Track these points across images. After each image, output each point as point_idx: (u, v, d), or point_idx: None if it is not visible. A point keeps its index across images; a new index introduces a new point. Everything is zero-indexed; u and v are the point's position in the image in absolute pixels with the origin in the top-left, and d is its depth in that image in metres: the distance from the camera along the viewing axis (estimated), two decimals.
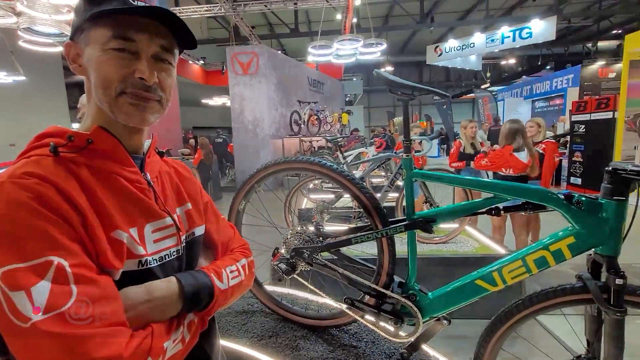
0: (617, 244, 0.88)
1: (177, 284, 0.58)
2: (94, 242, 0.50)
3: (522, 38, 9.91)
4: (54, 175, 0.50)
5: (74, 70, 0.60)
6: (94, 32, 0.56)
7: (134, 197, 0.59)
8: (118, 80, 0.55)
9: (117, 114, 0.57)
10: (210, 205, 0.78)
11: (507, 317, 1.05)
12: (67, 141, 0.54)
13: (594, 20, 13.97)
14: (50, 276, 0.44)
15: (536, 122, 3.54)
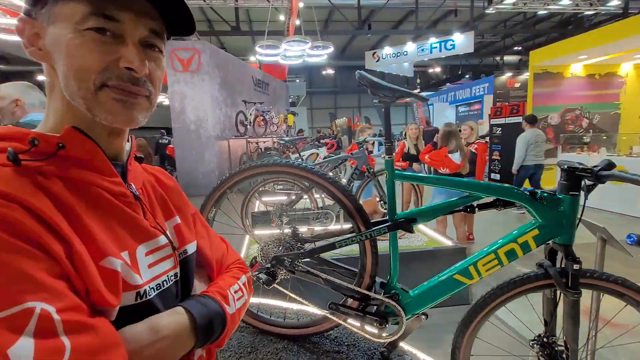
0: (572, 234, 1.01)
1: (187, 316, 0.49)
2: (82, 275, 0.40)
3: (447, 49, 10.94)
4: (20, 192, 0.38)
5: (31, 55, 0.47)
6: (63, 7, 0.43)
7: (120, 214, 0.48)
8: (98, 70, 0.44)
9: (96, 112, 0.45)
10: (198, 217, 0.68)
11: (481, 307, 1.13)
12: (29, 146, 0.42)
13: (500, 37, 16.15)
14: (31, 329, 0.33)
15: (469, 125, 3.93)
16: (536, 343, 1.17)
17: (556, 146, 6.56)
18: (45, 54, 0.46)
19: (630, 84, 6.84)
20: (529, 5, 8.29)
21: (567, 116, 6.78)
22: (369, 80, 1.03)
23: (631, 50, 5.84)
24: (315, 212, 2.77)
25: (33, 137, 0.42)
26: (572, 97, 6.76)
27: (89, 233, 0.42)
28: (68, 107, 0.46)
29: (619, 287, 1.02)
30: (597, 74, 6.75)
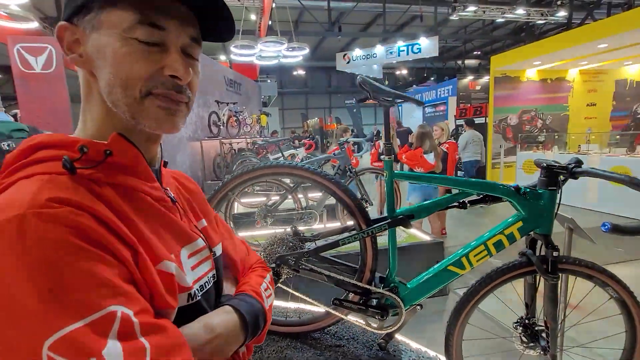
0: (551, 225, 1.13)
1: (237, 315, 0.52)
2: (146, 279, 0.41)
3: (413, 52, 11.37)
4: (86, 200, 0.39)
5: (71, 61, 0.46)
6: (110, 15, 0.43)
7: (163, 218, 0.49)
8: (144, 78, 0.44)
9: (142, 119, 0.46)
10: (219, 220, 0.70)
11: (472, 295, 1.22)
12: (79, 154, 0.42)
13: (462, 42, 17.07)
14: (115, 332, 0.34)
15: (440, 126, 4.15)
16: (519, 325, 1.29)
17: (515, 145, 7.07)
18: (85, 61, 0.46)
19: (576, 88, 7.54)
20: (487, 13, 8.86)
21: (524, 117, 7.34)
22: (370, 85, 1.08)
23: (575, 58, 6.45)
24: (300, 213, 2.79)
25: (82, 145, 0.42)
26: (528, 99, 7.33)
27: (145, 238, 0.44)
28: (108, 113, 0.46)
29: (589, 270, 1.15)
30: (549, 78, 7.38)
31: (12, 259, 0.33)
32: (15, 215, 0.34)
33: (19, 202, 0.35)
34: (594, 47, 5.73)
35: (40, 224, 0.34)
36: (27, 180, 0.39)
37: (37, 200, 0.36)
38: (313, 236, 1.29)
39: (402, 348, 1.45)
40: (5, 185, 0.40)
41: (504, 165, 7.22)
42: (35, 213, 0.35)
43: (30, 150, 0.43)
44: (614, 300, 1.19)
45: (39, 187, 0.38)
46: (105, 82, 0.44)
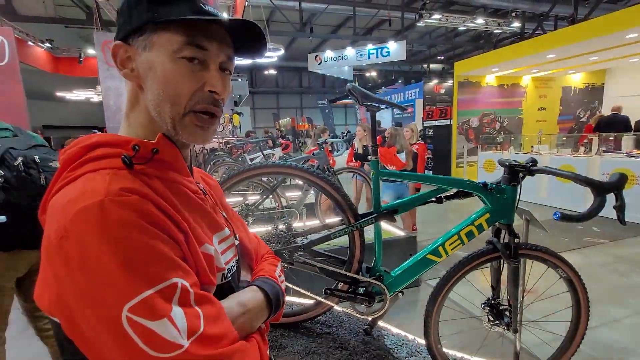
0: (512, 216, 1.30)
1: (262, 293, 0.59)
2: (194, 259, 0.48)
3: (382, 56, 11.74)
4: (146, 190, 0.46)
5: (125, 76, 0.53)
6: (160, 36, 0.49)
7: (199, 208, 0.55)
8: (188, 96, 0.50)
9: (180, 132, 0.52)
10: (235, 213, 0.76)
11: (447, 280, 1.37)
12: (133, 152, 0.48)
13: (427, 46, 17.87)
14: (177, 299, 0.42)
15: (410, 127, 4.38)
16: (486, 305, 1.46)
17: (476, 145, 7.58)
18: (136, 76, 0.52)
19: (529, 93, 8.22)
20: (450, 21, 9.39)
21: (484, 120, 7.89)
22: (360, 92, 1.19)
23: (528, 66, 7.05)
24: (280, 211, 2.86)
25: (135, 144, 0.48)
26: (487, 103, 7.88)
27: (189, 224, 0.50)
28: (152, 121, 0.53)
29: (544, 254, 1.34)
30: (506, 84, 7.98)
31: (98, 236, 0.39)
32: (96, 202, 0.40)
33: (97, 191, 0.42)
34: (544, 57, 6.31)
35: (117, 209, 0.41)
36: (95, 173, 0.45)
37: (111, 189, 0.42)
38: (305, 231, 1.38)
39: (384, 333, 1.58)
40: (72, 177, 0.46)
41: (466, 164, 7.71)
42: (112, 200, 0.41)
43: (87, 149, 0.49)
44: (563, 280, 1.39)
45: (110, 179, 0.44)
46: (154, 96, 0.50)
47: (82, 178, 0.45)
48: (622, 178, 1.04)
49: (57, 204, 0.44)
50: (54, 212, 0.43)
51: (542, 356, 1.60)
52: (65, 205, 0.41)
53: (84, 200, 0.41)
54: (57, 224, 0.41)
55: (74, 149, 0.49)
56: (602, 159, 5.07)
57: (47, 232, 0.42)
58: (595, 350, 2.06)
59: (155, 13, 0.49)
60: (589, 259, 3.44)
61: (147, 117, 0.53)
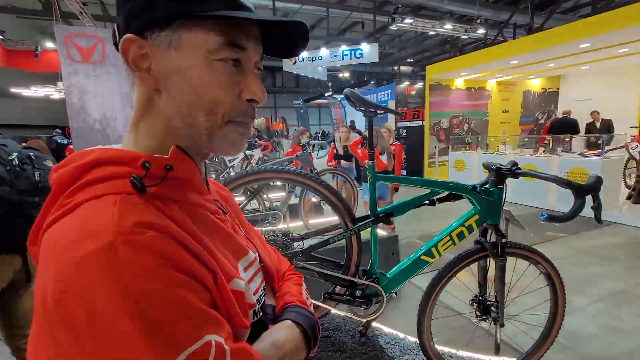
0: (499, 217, 1.38)
1: (299, 329, 0.51)
2: (225, 301, 0.40)
3: (356, 57, 11.90)
4: (165, 222, 0.37)
5: (139, 79, 0.43)
6: (193, 34, 0.40)
7: (221, 232, 0.47)
8: (228, 105, 0.42)
9: (217, 143, 0.44)
10: (251, 227, 0.66)
11: (439, 279, 1.42)
12: (143, 170, 0.39)
13: (397, 49, 18.37)
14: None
15: (388, 128, 4.48)
16: (474, 301, 1.53)
17: (447, 146, 7.91)
18: (155, 78, 0.42)
19: (494, 96, 8.71)
20: (421, 26, 9.72)
21: (453, 121, 8.24)
22: (357, 97, 1.20)
23: (493, 71, 7.47)
24: (264, 214, 2.82)
25: (145, 161, 0.39)
26: (457, 105, 8.25)
27: (217, 258, 0.41)
28: (169, 131, 0.44)
29: (527, 252, 1.43)
30: (473, 87, 8.40)
31: (110, 292, 0.30)
32: (104, 244, 0.32)
33: (104, 228, 0.33)
34: (507, 63, 6.71)
35: (132, 253, 0.32)
36: (98, 201, 0.36)
37: (123, 225, 0.33)
38: (302, 236, 1.37)
39: (378, 333, 1.62)
40: (70, 206, 0.37)
41: (438, 164, 8.02)
42: (125, 240, 0.32)
43: (84, 168, 0.39)
44: (543, 275, 1.50)
45: (119, 210, 0.35)
46: (183, 104, 0.42)
47: (82, 208, 0.36)
48: (598, 181, 1.14)
49: (53, 243, 0.35)
50: (50, 255, 0.34)
51: (522, 347, 1.70)
52: (65, 249, 0.33)
53: (88, 243, 0.32)
54: (54, 272, 0.32)
55: (67, 169, 0.40)
56: (560, 158, 5.48)
57: (42, 281, 0.33)
58: (563, 338, 2.22)
59: (186, 4, 0.39)
60: (552, 252, 3.71)
61: (165, 127, 0.43)
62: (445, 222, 1.43)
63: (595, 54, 6.08)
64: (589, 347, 2.08)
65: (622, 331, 2.23)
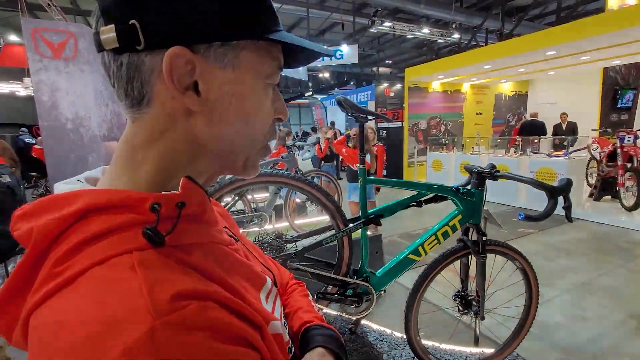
0: (480, 216, 1.47)
1: (331, 355, 0.48)
2: (272, 353, 0.36)
3: (336, 58, 12.01)
4: (199, 283, 0.30)
5: (170, 97, 0.34)
6: (254, 55, 0.36)
7: (240, 266, 0.42)
8: (269, 129, 0.41)
9: (249, 169, 0.41)
10: (248, 241, 0.60)
11: (426, 276, 1.50)
12: (154, 214, 0.31)
13: (375, 51, 18.68)
14: None
15: (371, 129, 4.58)
16: (456, 296, 1.62)
17: (425, 146, 8.15)
18: (203, 100, 0.34)
19: (468, 99, 9.06)
20: (399, 29, 9.96)
21: (431, 122, 8.51)
22: (349, 104, 1.25)
23: (468, 75, 7.78)
24: (250, 215, 2.82)
25: (154, 202, 0.32)
26: (434, 107, 8.51)
27: (254, 305, 0.36)
28: (194, 158, 0.37)
29: (505, 249, 1.54)
30: (449, 90, 8.70)
31: None
32: (143, 335, 0.24)
33: (135, 311, 0.25)
34: (481, 67, 7.01)
35: (177, 337, 0.25)
36: (105, 268, 0.28)
37: (158, 303, 0.26)
38: (294, 238, 1.40)
39: (367, 330, 1.67)
40: (65, 278, 0.28)
41: (417, 164, 8.25)
42: (165, 323, 0.25)
43: (74, 218, 0.30)
44: (519, 270, 1.61)
45: (145, 280, 0.27)
46: (230, 130, 0.37)
47: (86, 281, 0.27)
48: (569, 183, 1.24)
49: (54, 337, 0.25)
50: (52, 354, 0.25)
51: (499, 338, 1.82)
52: (81, 347, 0.24)
53: (121, 334, 0.24)
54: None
55: (48, 222, 0.30)
56: (529, 159, 5.80)
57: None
58: (534, 328, 2.39)
59: (258, 25, 0.35)
60: (523, 248, 3.92)
61: (188, 151, 0.36)
62: (423, 220, 1.51)
63: (561, 61, 6.48)
64: (557, 335, 2.24)
65: (586, 320, 2.41)
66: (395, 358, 1.54)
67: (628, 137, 4.74)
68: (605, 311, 2.50)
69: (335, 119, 13.59)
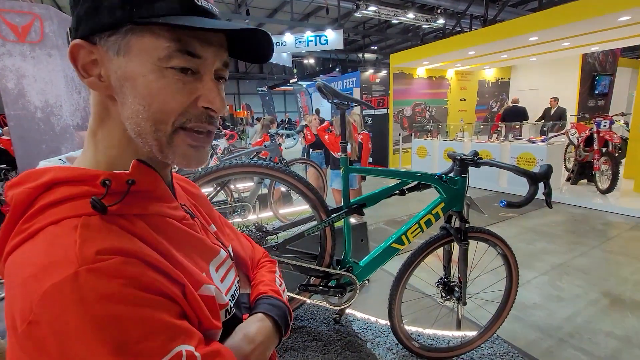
0: (462, 203, 1.47)
1: (270, 321, 0.53)
2: (195, 309, 0.41)
3: (321, 44, 11.78)
4: (128, 244, 0.37)
5: (90, 85, 0.41)
6: (142, 40, 0.38)
7: (189, 238, 0.48)
8: (178, 113, 0.41)
9: (169, 156, 0.43)
10: (223, 219, 0.67)
11: (409, 264, 1.50)
12: (103, 188, 0.38)
13: (361, 36, 18.43)
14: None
15: (353, 118, 4.53)
16: (439, 283, 1.64)
17: (410, 133, 8.18)
18: (106, 85, 0.40)
19: (453, 85, 9.10)
20: (384, 14, 9.82)
21: (416, 109, 8.52)
22: (330, 90, 1.20)
23: (452, 60, 7.79)
24: (233, 205, 2.76)
25: (105, 178, 0.39)
26: (419, 94, 8.51)
27: (183, 267, 0.42)
28: (129, 141, 0.42)
29: (487, 235, 1.55)
30: (434, 76, 8.70)
31: (75, 321, 0.31)
32: (68, 276, 0.32)
33: (66, 259, 0.33)
34: (466, 53, 7.01)
35: (96, 281, 0.33)
36: (57, 227, 0.36)
37: (86, 253, 0.33)
38: (275, 230, 1.37)
39: (351, 319, 1.67)
40: (29, 233, 0.36)
41: (402, 150, 8.29)
42: (89, 269, 0.33)
43: (40, 189, 0.38)
44: (500, 256, 1.63)
45: (81, 236, 0.35)
46: (132, 112, 0.40)
47: (42, 235, 0.36)
48: (549, 170, 1.25)
49: (17, 271, 0.35)
50: (16, 284, 0.34)
51: (481, 321, 1.86)
52: (28, 281, 0.33)
53: (52, 275, 0.32)
54: (22, 302, 0.32)
55: (22, 190, 0.38)
56: (511, 144, 5.91)
57: (10, 310, 0.33)
58: (514, 309, 2.47)
59: (134, 9, 0.38)
60: (503, 231, 4.03)
61: (122, 135, 0.42)
62: (409, 206, 1.50)
63: (542, 47, 6.55)
64: (535, 316, 2.32)
65: (563, 300, 2.50)
66: (380, 345, 1.55)
67: (604, 122, 4.88)
68: (580, 291, 2.60)
69: (320, 107, 13.44)
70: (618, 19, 4.80)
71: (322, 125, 4.07)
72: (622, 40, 6.25)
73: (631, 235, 3.75)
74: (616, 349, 1.92)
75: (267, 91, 14.90)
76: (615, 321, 2.18)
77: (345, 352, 1.43)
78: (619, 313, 2.28)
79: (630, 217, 4.29)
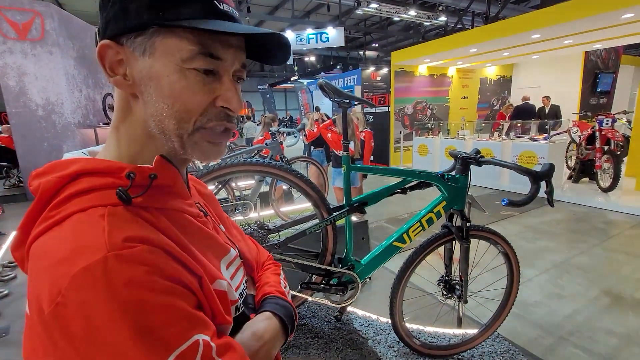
0: (464, 202, 1.47)
1: (277, 319, 0.55)
2: (210, 302, 0.43)
3: (322, 41, 11.75)
4: (152, 234, 0.39)
5: (116, 84, 0.43)
6: (166, 42, 0.41)
7: (203, 235, 0.50)
8: (199, 113, 0.43)
9: (189, 151, 0.45)
10: (230, 220, 0.68)
11: (410, 262, 1.50)
12: (128, 180, 0.40)
13: (362, 34, 18.36)
14: (199, 358, 0.37)
15: (357, 116, 4.53)
16: (440, 281, 1.64)
17: (411, 131, 8.17)
18: (131, 84, 0.43)
19: (454, 83, 9.07)
20: (386, 11, 9.78)
21: (417, 107, 8.50)
22: (332, 88, 1.20)
23: (454, 58, 7.76)
24: (234, 204, 2.77)
25: (130, 171, 0.41)
26: (420, 91, 8.49)
27: (201, 261, 0.44)
28: (149, 135, 0.45)
29: (488, 234, 1.55)
30: (435, 74, 8.67)
31: (105, 303, 0.33)
32: (98, 260, 0.34)
33: (95, 244, 0.35)
34: (467, 51, 6.99)
35: (125, 267, 0.34)
36: (84, 214, 0.38)
37: (114, 241, 0.35)
38: (277, 227, 1.37)
39: (352, 317, 1.68)
40: (57, 219, 0.38)
41: (403, 148, 8.29)
42: (117, 256, 0.34)
43: (67, 179, 0.40)
44: (501, 254, 1.63)
45: (109, 224, 0.37)
46: (156, 111, 0.43)
47: (70, 222, 0.37)
48: (551, 168, 1.25)
49: (44, 256, 0.36)
50: (43, 268, 0.35)
51: (482, 319, 1.86)
52: (56, 265, 0.34)
53: (81, 259, 0.34)
54: (50, 285, 0.34)
55: (50, 179, 0.40)
56: (512, 142, 5.89)
57: (36, 291, 0.35)
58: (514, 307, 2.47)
59: (160, 12, 0.40)
60: (504, 229, 4.04)
61: (144, 131, 0.45)
62: (410, 204, 1.50)
63: (544, 45, 6.52)
64: (536, 313, 2.33)
65: (563, 298, 2.51)
66: (381, 343, 1.56)
67: (606, 120, 4.86)
68: (581, 289, 2.61)
69: (321, 104, 13.41)
70: (621, 16, 4.77)
71: (325, 124, 4.07)
72: (624, 38, 6.22)
73: (632, 234, 3.74)
74: (616, 347, 1.92)
75: (268, 89, 14.87)
76: (615, 319, 2.19)
77: (346, 350, 1.44)
78: (619, 311, 2.29)
79: (632, 216, 4.28)
